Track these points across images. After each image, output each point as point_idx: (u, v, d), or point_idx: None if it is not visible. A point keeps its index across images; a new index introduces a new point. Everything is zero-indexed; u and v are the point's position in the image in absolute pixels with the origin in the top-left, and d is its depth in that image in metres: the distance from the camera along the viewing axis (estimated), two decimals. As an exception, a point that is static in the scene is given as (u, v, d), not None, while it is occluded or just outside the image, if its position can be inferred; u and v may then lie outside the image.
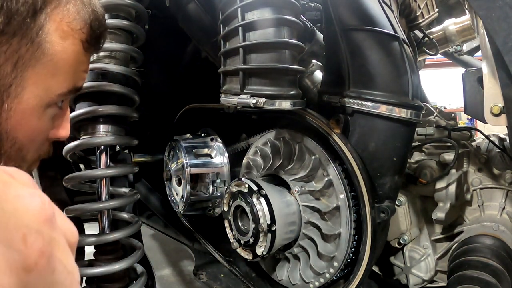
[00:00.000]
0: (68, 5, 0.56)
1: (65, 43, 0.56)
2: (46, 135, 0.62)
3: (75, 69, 0.59)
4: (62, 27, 0.55)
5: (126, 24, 0.93)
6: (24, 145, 0.57)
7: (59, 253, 0.32)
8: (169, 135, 1.34)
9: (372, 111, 0.85)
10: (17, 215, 0.30)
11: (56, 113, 0.61)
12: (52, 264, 0.30)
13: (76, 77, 0.61)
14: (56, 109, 0.60)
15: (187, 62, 1.44)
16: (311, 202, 0.95)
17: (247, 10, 0.80)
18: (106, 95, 0.92)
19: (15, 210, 0.30)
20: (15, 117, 0.53)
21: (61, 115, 0.64)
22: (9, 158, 0.56)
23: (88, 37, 0.60)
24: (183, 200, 1.19)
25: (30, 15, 0.51)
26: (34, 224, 0.30)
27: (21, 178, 0.33)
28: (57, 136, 0.64)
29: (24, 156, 0.58)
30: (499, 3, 0.60)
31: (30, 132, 0.57)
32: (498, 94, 0.71)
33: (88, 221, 1.35)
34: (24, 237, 0.29)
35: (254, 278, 1.19)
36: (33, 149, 0.60)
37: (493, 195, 1.10)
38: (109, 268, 0.89)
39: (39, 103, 0.56)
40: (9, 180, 0.32)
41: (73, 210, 0.92)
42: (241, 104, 0.81)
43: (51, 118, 0.60)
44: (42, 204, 0.32)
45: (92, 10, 0.60)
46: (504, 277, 0.88)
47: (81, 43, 0.59)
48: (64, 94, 0.59)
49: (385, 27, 0.85)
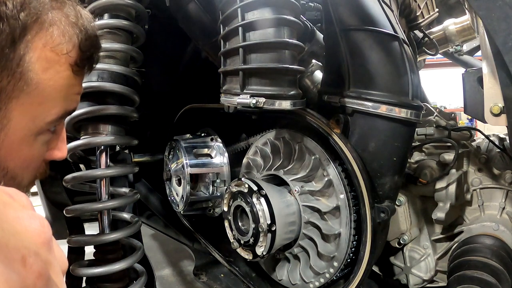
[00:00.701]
0: (52, 28, 0.52)
1: (51, 70, 0.52)
2: (40, 160, 0.59)
3: (64, 95, 0.55)
4: (46, 54, 0.51)
5: (126, 24, 0.93)
6: (17, 174, 0.55)
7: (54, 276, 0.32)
8: (169, 135, 1.34)
9: (372, 111, 0.85)
10: (17, 236, 0.30)
11: (50, 138, 0.58)
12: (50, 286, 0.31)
13: (67, 101, 0.56)
14: (49, 134, 0.57)
15: (187, 62, 1.44)
16: (311, 202, 0.95)
17: (247, 10, 0.80)
18: (106, 95, 0.92)
19: (15, 231, 0.30)
20: (4, 148, 0.51)
21: (55, 138, 0.61)
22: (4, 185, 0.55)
23: (77, 59, 0.55)
24: (183, 200, 1.19)
25: (9, 45, 0.47)
26: (33, 246, 0.31)
27: (20, 199, 0.33)
28: (53, 158, 0.61)
29: (20, 183, 0.56)
30: (499, 3, 0.60)
31: (21, 161, 0.54)
32: (498, 94, 0.72)
33: (88, 221, 1.35)
34: (23, 259, 0.29)
35: (254, 278, 1.19)
36: (28, 175, 0.57)
37: (493, 195, 1.10)
38: (109, 268, 0.89)
39: (28, 132, 0.53)
40: (9, 201, 0.32)
41: (73, 210, 0.92)
42: (241, 104, 0.81)
43: (44, 143, 0.57)
44: (41, 226, 0.32)
45: (81, 30, 0.55)
46: (504, 277, 0.88)
47: (69, 67, 0.55)
48: (55, 121, 0.55)
49: (385, 27, 0.85)
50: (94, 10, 0.90)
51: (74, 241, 0.94)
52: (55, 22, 0.52)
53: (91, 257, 0.97)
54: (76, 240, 0.95)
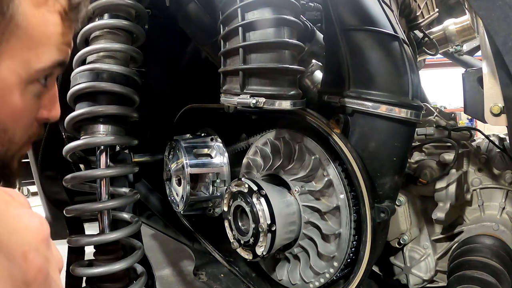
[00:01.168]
0: None
1: (40, 13, 0.52)
2: (32, 114, 0.58)
3: (54, 42, 0.55)
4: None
5: (126, 24, 0.93)
6: (9, 126, 0.54)
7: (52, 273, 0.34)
8: (169, 135, 1.34)
9: (372, 111, 0.85)
10: (18, 233, 0.31)
11: (41, 91, 0.58)
12: (49, 282, 0.33)
13: (56, 50, 0.56)
14: (40, 86, 0.57)
15: (187, 62, 1.44)
16: (311, 202, 0.95)
17: (247, 10, 0.80)
18: (106, 95, 0.92)
19: (16, 228, 0.32)
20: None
21: (47, 94, 0.60)
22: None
23: (66, 6, 0.56)
24: (183, 200, 1.19)
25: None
26: (33, 242, 0.32)
27: (19, 199, 0.34)
28: (46, 116, 0.61)
29: (11, 139, 0.55)
30: (499, 3, 0.60)
31: (12, 111, 0.53)
32: (498, 94, 0.72)
33: (88, 221, 1.35)
34: (24, 254, 0.31)
35: (254, 278, 1.19)
36: (20, 130, 0.57)
37: (493, 195, 1.10)
38: (109, 268, 0.89)
39: (18, 79, 0.52)
40: (10, 200, 0.33)
41: (73, 210, 0.92)
42: (241, 104, 0.81)
43: (35, 97, 0.57)
44: (40, 224, 0.34)
45: None
46: (504, 277, 0.88)
47: (58, 14, 0.55)
48: (45, 70, 0.55)
49: (385, 27, 0.85)
50: (94, 10, 0.90)
51: (74, 241, 0.94)
52: None
53: (91, 257, 0.97)
54: (76, 240, 0.95)
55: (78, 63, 0.92)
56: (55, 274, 0.34)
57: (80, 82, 0.90)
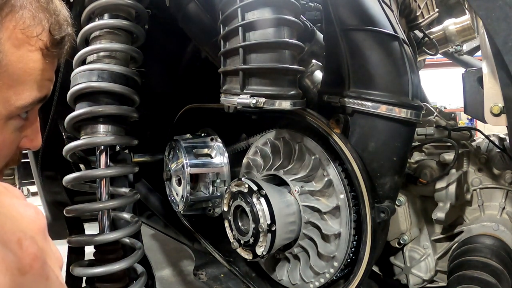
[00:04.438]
0: (23, 10, 0.52)
1: (20, 51, 0.52)
2: (12, 146, 0.58)
3: (35, 79, 0.55)
4: (16, 35, 0.51)
5: (126, 24, 0.93)
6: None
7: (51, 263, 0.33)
8: (169, 135, 1.34)
9: (372, 111, 0.85)
10: (13, 221, 0.31)
11: (22, 124, 0.58)
12: (46, 272, 0.32)
13: (37, 86, 0.56)
14: (20, 120, 0.57)
15: (187, 62, 1.44)
16: (311, 202, 0.95)
17: (247, 10, 0.80)
18: (106, 95, 0.92)
19: (11, 216, 0.31)
20: None
21: (28, 126, 0.60)
22: None
23: (47, 43, 0.55)
24: (183, 200, 1.19)
25: None
26: (29, 231, 0.32)
27: (14, 191, 0.34)
28: (27, 147, 0.61)
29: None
30: (499, 3, 0.60)
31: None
32: (498, 94, 0.72)
33: (88, 221, 1.35)
34: (19, 241, 0.30)
35: (254, 278, 1.19)
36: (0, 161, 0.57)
37: (493, 195, 1.10)
38: (109, 268, 0.89)
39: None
40: (4, 191, 0.33)
41: (73, 210, 0.92)
42: (241, 104, 0.81)
43: (16, 130, 0.57)
44: (36, 214, 0.34)
45: (51, 15, 0.56)
46: (504, 277, 0.88)
47: (40, 51, 0.55)
48: (25, 106, 0.55)
49: (385, 27, 0.85)
50: (94, 10, 0.90)
51: (74, 241, 0.94)
52: (25, 5, 0.52)
53: (91, 257, 0.97)
54: (76, 240, 0.95)
55: (78, 63, 0.92)
56: (56, 269, 0.33)
57: (80, 82, 0.89)
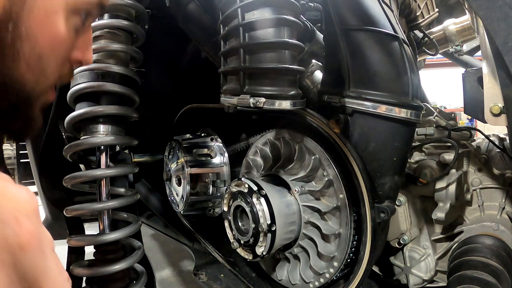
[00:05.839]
0: None
1: None
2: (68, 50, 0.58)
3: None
4: None
5: (126, 24, 0.93)
6: (45, 53, 0.53)
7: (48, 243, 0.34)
8: (169, 135, 1.34)
9: (372, 111, 0.85)
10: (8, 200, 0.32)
11: (79, 28, 0.58)
12: (43, 248, 0.33)
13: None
14: (80, 21, 0.57)
15: (187, 62, 1.44)
16: (311, 202, 0.95)
17: (247, 10, 0.80)
18: (106, 95, 0.92)
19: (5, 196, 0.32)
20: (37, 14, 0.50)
21: (83, 35, 0.60)
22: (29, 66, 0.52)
23: None
24: (183, 200, 1.19)
25: None
26: (24, 210, 0.33)
27: (3, 175, 0.35)
28: (80, 57, 0.61)
29: (44, 68, 0.54)
30: (499, 3, 0.60)
31: (52, 36, 0.53)
32: (498, 94, 0.72)
33: (88, 221, 1.35)
34: (16, 218, 0.31)
35: (254, 278, 1.19)
36: (54, 62, 0.56)
37: (493, 195, 1.10)
38: (109, 268, 0.89)
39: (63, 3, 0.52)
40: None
41: (73, 210, 0.92)
42: (241, 104, 0.81)
43: (74, 31, 0.57)
44: (29, 195, 0.34)
45: None
46: (504, 277, 0.87)
47: None
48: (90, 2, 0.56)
49: (385, 27, 0.85)
50: (94, 10, 0.90)
51: (74, 241, 0.94)
52: None
53: (91, 257, 0.98)
54: (76, 240, 0.95)
55: (78, 63, 0.92)
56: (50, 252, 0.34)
57: (80, 82, 0.90)
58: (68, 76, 0.62)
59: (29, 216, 0.33)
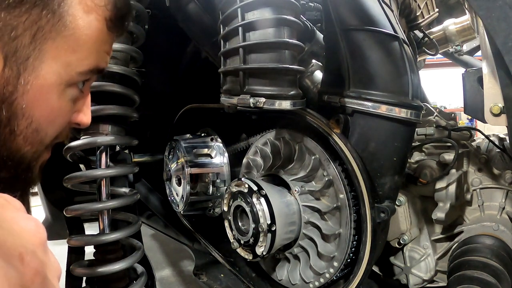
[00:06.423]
0: None
1: (88, 18, 0.53)
2: (66, 118, 0.58)
3: (97, 48, 0.56)
4: (86, 1, 0.52)
5: (126, 24, 0.93)
6: (42, 127, 0.53)
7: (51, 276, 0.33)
8: (169, 135, 1.34)
9: (372, 111, 0.85)
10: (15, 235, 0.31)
11: (77, 96, 0.58)
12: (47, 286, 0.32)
13: (98, 57, 0.57)
14: (77, 91, 0.57)
15: (187, 62, 1.44)
16: (311, 202, 0.95)
17: (247, 10, 0.80)
18: (106, 95, 0.92)
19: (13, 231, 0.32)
20: (32, 92, 0.50)
21: (82, 99, 0.60)
22: (26, 140, 0.52)
23: (112, 15, 0.56)
24: (183, 200, 1.19)
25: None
26: (30, 245, 0.32)
27: (15, 203, 0.35)
28: (78, 121, 0.61)
29: (43, 139, 0.54)
30: (499, 3, 0.60)
31: (48, 111, 0.53)
32: (498, 94, 0.72)
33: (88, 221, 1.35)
34: (21, 256, 0.31)
35: (254, 278, 1.19)
36: (52, 132, 0.56)
37: (493, 195, 1.10)
38: (109, 268, 0.89)
39: (58, 80, 0.52)
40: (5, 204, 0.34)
41: (73, 210, 0.92)
42: (241, 104, 0.81)
43: (71, 101, 0.57)
44: (36, 227, 0.34)
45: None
46: (504, 277, 0.87)
47: (104, 21, 0.56)
48: (85, 73, 0.56)
49: (385, 27, 0.85)
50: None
51: (74, 241, 0.94)
52: None
53: (91, 257, 0.97)
54: (76, 240, 0.95)
55: (78, 63, 0.92)
56: (54, 280, 0.34)
57: (80, 82, 0.89)
58: (65, 136, 0.62)
59: (35, 251, 0.32)
